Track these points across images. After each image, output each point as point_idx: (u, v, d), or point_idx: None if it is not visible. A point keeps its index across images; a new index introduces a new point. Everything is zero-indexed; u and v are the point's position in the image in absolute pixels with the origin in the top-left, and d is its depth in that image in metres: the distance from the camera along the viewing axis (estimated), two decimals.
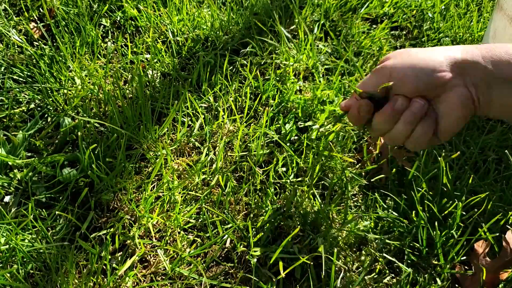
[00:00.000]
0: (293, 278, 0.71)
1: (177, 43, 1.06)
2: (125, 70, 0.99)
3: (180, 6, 1.10)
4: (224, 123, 0.89)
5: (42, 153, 0.81)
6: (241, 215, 0.77)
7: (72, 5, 1.06)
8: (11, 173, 0.77)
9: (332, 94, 0.94)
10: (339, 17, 1.19)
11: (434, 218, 0.76)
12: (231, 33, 1.09)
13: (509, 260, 0.70)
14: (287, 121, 0.91)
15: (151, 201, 0.73)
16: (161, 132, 0.86)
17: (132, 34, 1.09)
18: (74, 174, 0.77)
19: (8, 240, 0.65)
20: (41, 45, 0.96)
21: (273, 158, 0.85)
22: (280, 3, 1.15)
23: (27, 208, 0.73)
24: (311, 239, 0.73)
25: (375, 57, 1.09)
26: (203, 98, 0.93)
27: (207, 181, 0.81)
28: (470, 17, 1.22)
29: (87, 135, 0.83)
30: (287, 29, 1.12)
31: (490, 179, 0.83)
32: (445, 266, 0.72)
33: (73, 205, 0.74)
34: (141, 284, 0.68)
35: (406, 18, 1.24)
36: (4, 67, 0.92)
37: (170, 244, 0.73)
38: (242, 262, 0.72)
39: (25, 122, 0.86)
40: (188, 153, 0.86)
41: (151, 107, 0.90)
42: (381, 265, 0.73)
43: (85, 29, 1.00)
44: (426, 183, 0.78)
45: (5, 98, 0.88)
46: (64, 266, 0.66)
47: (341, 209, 0.79)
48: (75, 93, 0.90)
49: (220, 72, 0.98)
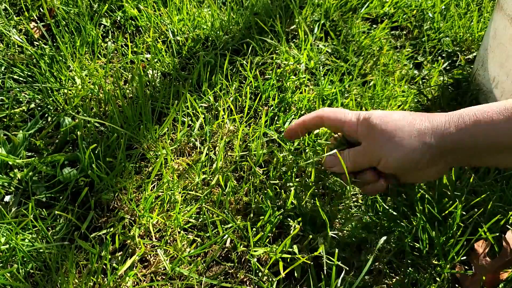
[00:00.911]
0: (293, 278, 0.71)
1: (177, 43, 1.06)
2: (125, 70, 0.99)
3: (180, 6, 1.10)
4: (224, 123, 0.89)
5: (42, 153, 0.81)
6: (241, 215, 0.77)
7: (72, 4, 1.06)
8: (11, 172, 0.77)
9: (337, 90, 0.94)
10: (339, 17, 1.19)
11: (434, 218, 0.76)
12: (232, 33, 1.09)
13: (509, 260, 0.70)
14: (286, 121, 0.91)
15: (151, 201, 0.73)
16: (161, 132, 0.86)
17: (132, 33, 1.09)
18: (74, 174, 0.77)
19: (8, 239, 0.65)
20: (41, 45, 0.96)
21: (273, 157, 0.85)
22: (280, 3, 1.15)
23: (27, 208, 0.73)
24: (311, 239, 0.73)
25: (375, 57, 1.09)
26: (203, 98, 0.93)
27: (207, 181, 0.81)
28: (471, 17, 1.22)
29: (87, 134, 0.83)
30: (287, 29, 1.12)
31: (490, 179, 0.83)
32: (445, 266, 0.72)
33: (73, 205, 0.74)
34: (141, 284, 0.68)
35: (406, 18, 1.24)
36: (4, 66, 0.92)
37: (170, 244, 0.73)
38: (242, 262, 0.72)
39: (25, 121, 0.86)
40: (188, 153, 0.86)
41: (151, 107, 0.90)
42: (381, 265, 0.73)
43: (85, 28, 1.00)
44: (426, 183, 0.78)
45: (5, 98, 0.88)
46: (64, 265, 0.66)
47: (341, 209, 0.79)
48: (75, 92, 0.90)
49: (220, 72, 0.98)
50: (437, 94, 1.02)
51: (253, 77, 0.99)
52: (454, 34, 1.18)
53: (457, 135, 0.51)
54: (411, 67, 1.10)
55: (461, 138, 0.51)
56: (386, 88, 0.99)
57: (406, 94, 0.99)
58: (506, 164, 0.54)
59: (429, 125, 0.54)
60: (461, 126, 0.51)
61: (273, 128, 0.89)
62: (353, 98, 0.93)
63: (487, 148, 0.50)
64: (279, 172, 0.82)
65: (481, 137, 0.49)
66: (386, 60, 1.08)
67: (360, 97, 0.98)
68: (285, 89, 0.97)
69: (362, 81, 1.02)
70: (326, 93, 0.95)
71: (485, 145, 0.50)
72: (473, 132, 0.50)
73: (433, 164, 0.54)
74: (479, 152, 0.51)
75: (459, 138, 0.51)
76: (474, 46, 1.16)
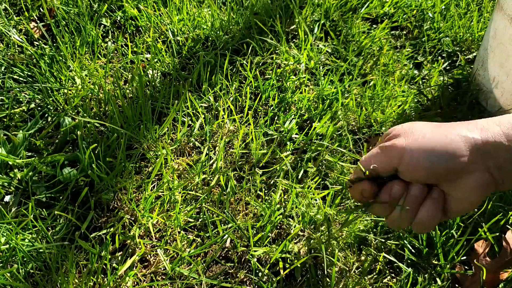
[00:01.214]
0: (293, 278, 0.71)
1: (177, 42, 1.06)
2: (125, 70, 0.99)
3: (180, 6, 1.10)
4: (224, 122, 0.89)
5: (42, 153, 0.81)
6: (241, 215, 0.77)
7: (72, 4, 1.06)
8: (11, 172, 0.77)
9: (339, 90, 0.94)
10: (339, 17, 1.19)
11: None
12: (232, 33, 1.09)
13: (509, 260, 0.70)
14: (286, 120, 0.91)
15: (151, 201, 0.73)
16: (161, 132, 0.86)
17: (132, 33, 1.09)
18: (74, 174, 0.77)
19: (8, 239, 0.65)
20: (41, 45, 0.96)
21: (273, 157, 0.85)
22: (280, 3, 1.15)
23: (27, 208, 0.73)
24: (311, 239, 0.73)
25: (375, 57, 1.09)
26: (203, 98, 0.93)
27: (207, 181, 0.81)
28: (471, 17, 1.22)
29: (87, 134, 0.83)
30: (287, 29, 1.12)
31: None
32: (445, 266, 0.72)
33: (73, 205, 0.74)
34: (141, 284, 0.68)
35: (406, 18, 1.24)
36: (4, 66, 0.92)
37: (170, 244, 0.73)
38: (242, 262, 0.72)
39: (25, 121, 0.86)
40: (188, 153, 0.86)
41: (151, 106, 0.90)
42: (381, 265, 0.73)
43: (85, 28, 1.00)
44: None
45: (5, 98, 0.88)
46: (64, 265, 0.66)
47: (341, 209, 0.79)
48: (75, 92, 0.90)
49: (220, 72, 0.98)
50: (437, 94, 1.02)
51: (253, 77, 0.99)
52: (454, 34, 1.18)
53: (503, 132, 0.44)
54: (411, 67, 1.10)
55: (507, 134, 0.44)
56: (386, 88, 0.99)
57: (406, 94, 0.99)
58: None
59: (467, 122, 0.47)
60: (508, 129, 0.44)
61: (273, 128, 0.89)
62: (353, 98, 0.93)
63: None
64: (279, 172, 0.82)
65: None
66: (386, 60, 1.08)
67: (360, 97, 0.98)
68: (285, 89, 0.97)
69: (362, 81, 1.02)
70: (326, 93, 0.95)
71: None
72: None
73: (473, 166, 0.45)
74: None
75: (504, 133, 0.44)
76: (474, 46, 1.16)
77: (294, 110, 0.94)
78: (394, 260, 0.73)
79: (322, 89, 0.96)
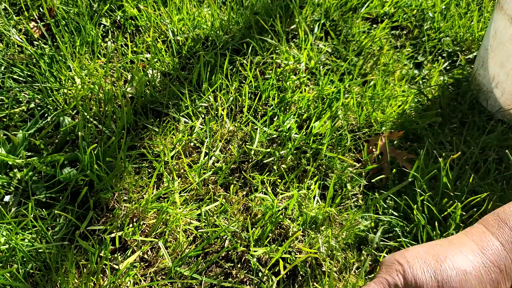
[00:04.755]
0: (293, 278, 0.71)
1: (177, 42, 1.06)
2: (125, 69, 0.99)
3: (180, 6, 1.10)
4: (224, 122, 0.89)
5: (42, 153, 0.81)
6: (241, 215, 0.77)
7: (72, 4, 1.06)
8: (11, 172, 0.77)
9: (341, 89, 0.94)
10: (339, 16, 1.19)
11: (434, 218, 0.76)
12: (231, 33, 1.09)
13: None
14: (287, 119, 0.91)
15: (151, 201, 0.73)
16: (161, 132, 0.86)
17: (132, 33, 1.09)
18: (74, 174, 0.77)
19: (8, 239, 0.65)
20: (41, 45, 0.96)
21: (273, 157, 0.85)
22: (280, 3, 1.15)
23: (27, 208, 0.73)
24: (311, 239, 0.73)
25: (375, 56, 1.09)
26: (203, 98, 0.93)
27: (207, 181, 0.81)
28: (471, 17, 1.22)
29: (87, 134, 0.83)
30: (287, 29, 1.12)
31: (491, 179, 0.83)
32: None
33: (73, 205, 0.74)
34: (141, 284, 0.68)
35: (406, 17, 1.24)
36: (4, 66, 0.92)
37: (170, 244, 0.73)
38: (242, 262, 0.72)
39: (25, 121, 0.86)
40: (188, 153, 0.86)
41: (151, 107, 0.90)
42: None
43: (85, 28, 1.00)
44: (426, 183, 0.78)
45: (5, 98, 0.88)
46: (64, 265, 0.66)
47: (341, 209, 0.79)
48: (75, 92, 0.90)
49: (220, 71, 0.98)
50: (437, 94, 1.02)
51: (253, 77, 0.99)
52: (454, 34, 1.18)
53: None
54: (411, 67, 1.10)
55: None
56: (386, 88, 0.99)
57: (406, 94, 0.99)
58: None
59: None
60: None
61: (273, 127, 0.89)
62: (354, 97, 0.93)
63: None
64: (280, 171, 0.82)
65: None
66: (386, 59, 1.08)
67: (360, 96, 0.98)
68: (285, 89, 0.97)
69: (362, 81, 1.02)
70: (326, 92, 0.95)
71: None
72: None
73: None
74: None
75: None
76: (474, 46, 1.16)
77: (294, 109, 0.94)
78: None
79: (322, 89, 0.95)
